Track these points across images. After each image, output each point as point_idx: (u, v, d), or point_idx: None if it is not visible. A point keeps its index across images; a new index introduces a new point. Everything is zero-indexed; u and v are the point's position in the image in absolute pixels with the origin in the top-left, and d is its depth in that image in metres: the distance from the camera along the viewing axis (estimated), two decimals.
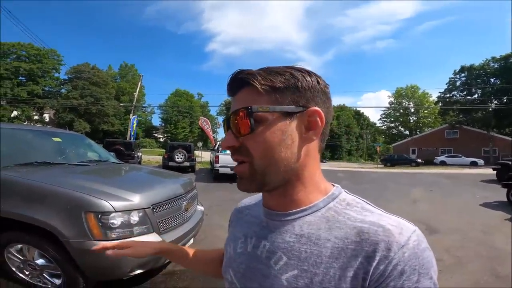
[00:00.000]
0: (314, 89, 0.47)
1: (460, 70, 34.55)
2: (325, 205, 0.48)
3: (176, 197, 2.53)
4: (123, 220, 1.97)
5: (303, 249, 0.44)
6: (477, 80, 33.04)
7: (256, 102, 0.45)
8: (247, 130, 0.45)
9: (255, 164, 0.46)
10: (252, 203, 0.63)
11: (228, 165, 11.28)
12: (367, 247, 0.40)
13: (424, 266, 0.39)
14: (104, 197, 1.96)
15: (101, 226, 1.88)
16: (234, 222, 0.63)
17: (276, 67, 0.48)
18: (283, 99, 0.45)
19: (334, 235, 0.43)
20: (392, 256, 0.38)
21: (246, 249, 0.53)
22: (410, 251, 0.39)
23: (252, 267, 0.50)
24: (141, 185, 2.60)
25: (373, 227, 0.42)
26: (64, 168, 2.72)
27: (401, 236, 0.40)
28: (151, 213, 2.16)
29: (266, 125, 0.45)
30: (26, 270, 2.12)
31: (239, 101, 0.47)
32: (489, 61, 32.99)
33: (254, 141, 0.46)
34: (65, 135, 3.62)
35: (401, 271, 0.38)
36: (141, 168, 4.21)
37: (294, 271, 0.44)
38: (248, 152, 0.46)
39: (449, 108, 34.04)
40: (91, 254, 1.80)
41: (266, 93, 0.45)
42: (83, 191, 1.99)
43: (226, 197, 7.81)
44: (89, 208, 1.88)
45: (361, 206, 0.47)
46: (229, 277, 0.55)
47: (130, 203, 2.05)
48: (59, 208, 1.91)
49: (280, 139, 0.45)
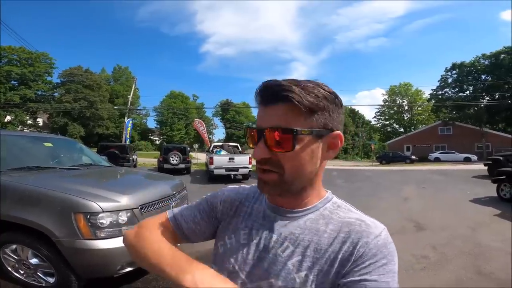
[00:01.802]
0: (339, 113, 0.55)
1: (451, 67, 34.84)
2: (322, 206, 0.59)
3: (164, 198, 2.61)
4: (112, 220, 2.06)
5: (306, 238, 0.55)
6: (468, 77, 33.35)
7: (296, 121, 0.50)
8: (288, 149, 0.50)
9: (285, 176, 0.53)
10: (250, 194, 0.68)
11: (222, 166, 11.34)
12: (353, 235, 0.52)
13: (390, 254, 0.51)
14: (92, 199, 2.05)
15: (90, 226, 1.97)
16: (232, 211, 0.66)
17: (306, 82, 0.52)
18: (318, 122, 0.52)
19: (330, 228, 0.55)
20: (370, 242, 0.51)
21: (251, 240, 0.60)
22: (382, 241, 0.51)
23: (259, 256, 0.57)
24: (130, 186, 2.70)
25: (358, 221, 0.55)
26: (55, 172, 2.80)
27: (377, 229, 0.53)
28: (139, 213, 2.26)
29: (302, 145, 0.51)
30: (21, 270, 2.21)
31: (277, 117, 0.51)
32: (480, 58, 33.30)
33: (288, 157, 0.51)
34: (56, 140, 3.68)
35: (374, 254, 0.50)
36: (131, 171, 4.29)
37: (298, 256, 0.54)
38: (280, 165, 0.52)
39: (442, 105, 34.33)
40: (82, 252, 1.90)
41: (305, 114, 0.50)
42: (72, 193, 2.09)
43: None
44: (78, 209, 1.98)
45: (348, 208, 0.60)
46: (230, 266, 0.59)
47: (118, 203, 2.14)
48: (50, 210, 2.01)
49: (310, 157, 0.53)
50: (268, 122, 0.52)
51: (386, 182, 12.02)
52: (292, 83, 0.51)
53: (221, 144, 14.75)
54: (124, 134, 21.96)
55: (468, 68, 33.42)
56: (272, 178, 0.53)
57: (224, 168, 11.33)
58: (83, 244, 1.93)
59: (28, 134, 4.40)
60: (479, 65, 33.00)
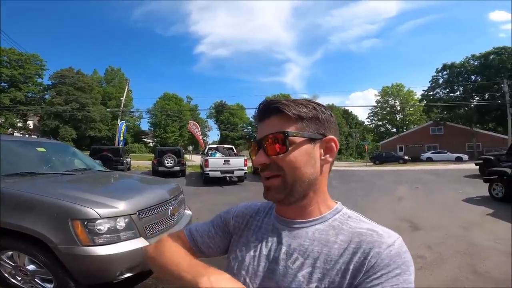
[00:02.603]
0: (330, 121, 0.59)
1: (442, 68, 35.39)
2: (331, 217, 0.59)
3: (162, 203, 2.59)
4: (110, 226, 2.06)
5: (316, 250, 0.55)
6: (458, 78, 33.90)
7: (286, 127, 0.56)
8: (283, 150, 0.55)
9: (286, 179, 0.56)
10: (261, 209, 0.70)
11: (217, 168, 11.30)
12: (365, 245, 0.52)
13: (405, 264, 0.49)
14: (90, 205, 2.04)
15: (88, 232, 1.97)
16: (243, 225, 0.69)
17: (299, 100, 0.59)
18: (309, 127, 0.57)
19: (340, 238, 0.55)
20: (382, 252, 0.50)
21: (261, 252, 0.61)
22: (395, 251, 0.50)
23: (269, 268, 0.58)
24: (127, 192, 2.68)
25: (369, 232, 0.54)
26: (49, 177, 2.76)
27: (389, 239, 0.52)
28: (137, 218, 2.24)
29: (295, 146, 0.56)
30: (18, 276, 2.18)
31: (271, 126, 0.57)
32: (469, 58, 33.91)
33: (286, 159, 0.56)
34: (49, 144, 3.62)
35: (387, 264, 0.48)
36: (127, 176, 4.25)
37: (308, 268, 0.53)
38: (280, 168, 0.56)
39: (433, 105, 34.81)
40: (80, 258, 1.90)
41: (295, 121, 0.56)
42: (68, 199, 2.07)
43: (216, 200, 7.85)
44: (75, 216, 1.97)
45: (359, 218, 0.59)
46: (241, 279, 0.60)
47: (116, 209, 2.13)
48: (46, 217, 1.99)
49: (306, 159, 0.56)
50: (264, 132, 0.58)
51: (380, 182, 12.11)
52: (284, 99, 0.58)
53: (216, 146, 14.70)
54: (118, 137, 21.76)
55: (458, 68, 33.98)
56: (277, 182, 0.57)
57: (219, 171, 11.29)
58: (82, 250, 1.93)
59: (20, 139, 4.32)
60: (469, 66, 33.59)
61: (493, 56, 31.61)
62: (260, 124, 0.60)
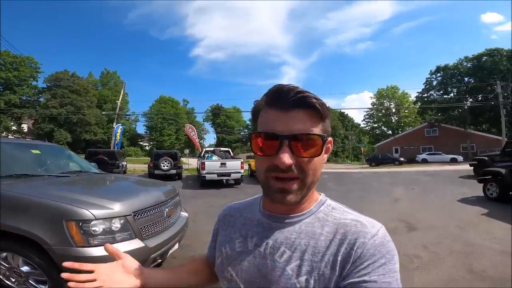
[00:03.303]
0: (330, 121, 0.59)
1: (435, 70, 35.72)
2: (317, 209, 0.59)
3: (157, 204, 2.59)
4: (105, 227, 2.05)
5: (303, 242, 0.55)
6: (452, 80, 34.24)
7: (317, 127, 0.53)
8: (317, 154, 0.53)
9: (306, 180, 0.54)
10: (241, 207, 0.71)
11: (214, 171, 11.28)
12: (350, 235, 0.52)
13: (389, 253, 0.50)
14: (84, 206, 2.04)
15: (82, 233, 1.96)
16: (225, 225, 0.70)
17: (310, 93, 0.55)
18: (327, 128, 0.56)
19: (326, 230, 0.55)
20: (367, 242, 0.50)
21: (247, 247, 0.60)
22: (379, 240, 0.51)
23: (256, 262, 0.57)
24: (122, 193, 2.68)
25: (353, 222, 0.55)
26: (44, 179, 2.75)
27: (373, 229, 0.53)
28: (133, 220, 2.23)
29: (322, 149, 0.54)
30: (12, 277, 2.16)
31: (301, 122, 0.52)
32: (463, 60, 34.25)
33: (309, 162, 0.53)
34: (44, 147, 3.60)
35: (372, 254, 0.49)
36: (122, 178, 4.25)
37: (297, 261, 0.53)
38: (303, 170, 0.53)
39: (428, 107, 35.09)
40: (75, 259, 1.86)
41: (322, 120, 0.54)
42: (63, 201, 2.06)
43: (213, 203, 7.82)
44: (70, 217, 1.97)
45: (343, 209, 0.60)
46: (228, 275, 0.61)
47: (111, 211, 2.12)
48: (40, 218, 1.99)
49: (321, 161, 0.56)
50: (293, 128, 0.51)
51: (376, 184, 12.20)
52: (305, 90, 0.53)
53: (212, 149, 14.68)
54: (113, 140, 21.62)
55: (451, 70, 34.28)
56: (296, 185, 0.53)
57: (216, 173, 11.26)
58: (77, 251, 1.92)
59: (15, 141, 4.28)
60: (462, 68, 33.93)
61: (485, 58, 31.97)
62: (280, 113, 0.52)
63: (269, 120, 0.54)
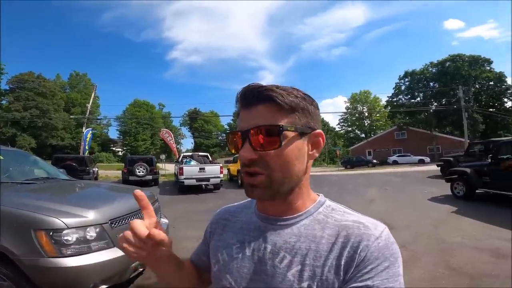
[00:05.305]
0: (317, 114, 0.56)
1: (404, 75, 37.55)
2: (315, 211, 0.56)
3: (136, 211, 2.44)
4: (78, 236, 1.92)
5: (303, 246, 0.52)
6: (418, 84, 36.15)
7: (277, 119, 0.50)
8: (275, 146, 0.50)
9: (273, 176, 0.51)
10: (237, 210, 0.67)
11: (193, 176, 11.05)
12: (353, 238, 0.49)
13: (393, 256, 0.49)
14: (55, 215, 1.90)
15: (54, 243, 1.83)
16: (220, 229, 0.65)
17: (284, 87, 0.53)
18: (301, 120, 0.52)
19: (327, 233, 0.52)
20: (370, 245, 0.48)
21: (244, 253, 0.56)
22: (383, 242, 0.49)
23: (255, 269, 0.54)
24: (97, 200, 2.53)
25: (356, 224, 0.52)
26: (8, 187, 2.52)
27: (376, 231, 0.50)
28: (110, 228, 2.10)
29: (288, 142, 0.51)
30: None
31: (261, 116, 0.50)
32: (428, 66, 36.35)
33: (275, 156, 0.50)
34: (7, 152, 3.29)
35: (376, 257, 0.47)
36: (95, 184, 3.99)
37: (298, 266, 0.50)
38: (268, 165, 0.50)
39: (397, 111, 36.93)
40: (47, 270, 1.78)
41: (288, 112, 0.51)
42: (30, 209, 1.91)
43: (192, 208, 7.63)
44: (39, 226, 1.83)
45: (343, 210, 0.57)
46: (226, 283, 0.56)
47: (85, 219, 1.99)
48: (5, 227, 1.84)
49: (297, 155, 0.52)
50: (252, 122, 0.51)
51: (351, 186, 12.51)
52: (272, 85, 0.52)
53: (190, 154, 14.41)
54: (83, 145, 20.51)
55: (418, 75, 36.18)
56: (261, 180, 0.51)
57: (195, 178, 11.04)
58: (47, 262, 1.79)
59: None
60: (428, 73, 35.94)
61: (449, 63, 34.12)
62: (245, 111, 0.53)
63: (239, 119, 0.55)
